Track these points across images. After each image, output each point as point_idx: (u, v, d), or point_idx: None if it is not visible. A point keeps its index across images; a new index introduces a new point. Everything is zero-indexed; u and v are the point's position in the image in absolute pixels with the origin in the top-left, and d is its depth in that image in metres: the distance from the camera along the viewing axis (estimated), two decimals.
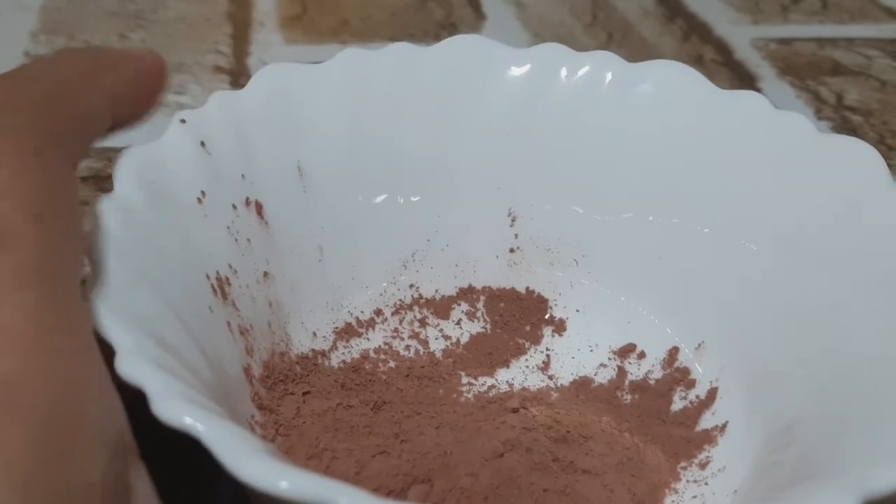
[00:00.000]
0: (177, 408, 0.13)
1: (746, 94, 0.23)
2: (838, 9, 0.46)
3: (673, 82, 0.23)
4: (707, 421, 0.22)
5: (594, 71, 0.24)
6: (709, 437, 0.21)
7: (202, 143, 0.20)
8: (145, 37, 0.41)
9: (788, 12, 0.46)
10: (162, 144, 0.20)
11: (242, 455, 0.13)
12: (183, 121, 0.20)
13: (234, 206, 0.21)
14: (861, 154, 0.21)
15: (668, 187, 0.23)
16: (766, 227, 0.22)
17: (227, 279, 0.20)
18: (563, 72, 0.24)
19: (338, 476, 0.19)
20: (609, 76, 0.24)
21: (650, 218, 0.24)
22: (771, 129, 0.22)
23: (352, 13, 0.44)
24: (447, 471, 0.19)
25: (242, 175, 0.21)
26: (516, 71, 0.24)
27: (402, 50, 0.24)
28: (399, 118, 0.24)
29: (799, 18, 0.45)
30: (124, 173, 0.18)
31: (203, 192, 0.20)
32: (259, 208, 0.21)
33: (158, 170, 0.19)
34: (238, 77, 0.38)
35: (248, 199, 0.21)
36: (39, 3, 0.43)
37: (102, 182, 0.31)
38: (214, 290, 0.19)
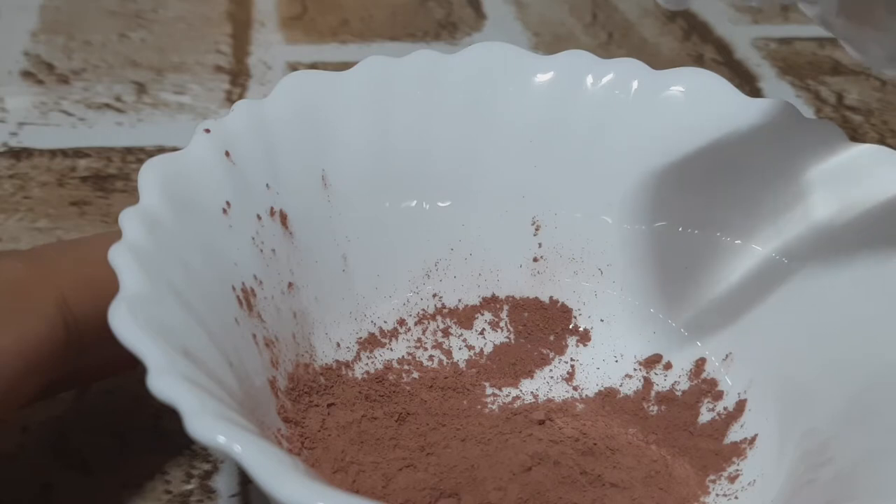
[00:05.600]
0: (212, 427, 0.13)
1: (776, 102, 0.23)
2: None
3: (701, 90, 0.23)
4: (736, 433, 0.21)
5: (620, 78, 0.24)
6: (738, 450, 0.21)
7: (227, 153, 0.20)
8: (145, 36, 0.41)
9: (788, 12, 0.45)
10: (186, 154, 0.19)
11: (280, 476, 0.13)
12: (207, 130, 0.20)
13: (259, 217, 0.21)
14: (891, 163, 0.21)
15: (696, 197, 0.23)
16: (799, 240, 0.21)
17: (253, 290, 0.20)
18: (589, 79, 0.24)
19: (365, 490, 0.19)
20: (635, 84, 0.23)
21: (679, 229, 0.23)
22: (801, 138, 0.22)
23: (352, 13, 0.44)
24: (475, 485, 0.19)
25: (267, 184, 0.21)
26: (541, 78, 0.24)
27: (425, 57, 0.24)
28: (423, 126, 0.23)
29: (799, 18, 0.45)
30: (149, 184, 0.18)
31: (228, 203, 0.20)
32: (284, 218, 0.21)
33: (183, 180, 0.19)
34: (238, 77, 0.38)
35: (272, 208, 0.21)
36: (39, 2, 0.43)
37: (102, 181, 0.30)
38: (240, 302, 0.19)
